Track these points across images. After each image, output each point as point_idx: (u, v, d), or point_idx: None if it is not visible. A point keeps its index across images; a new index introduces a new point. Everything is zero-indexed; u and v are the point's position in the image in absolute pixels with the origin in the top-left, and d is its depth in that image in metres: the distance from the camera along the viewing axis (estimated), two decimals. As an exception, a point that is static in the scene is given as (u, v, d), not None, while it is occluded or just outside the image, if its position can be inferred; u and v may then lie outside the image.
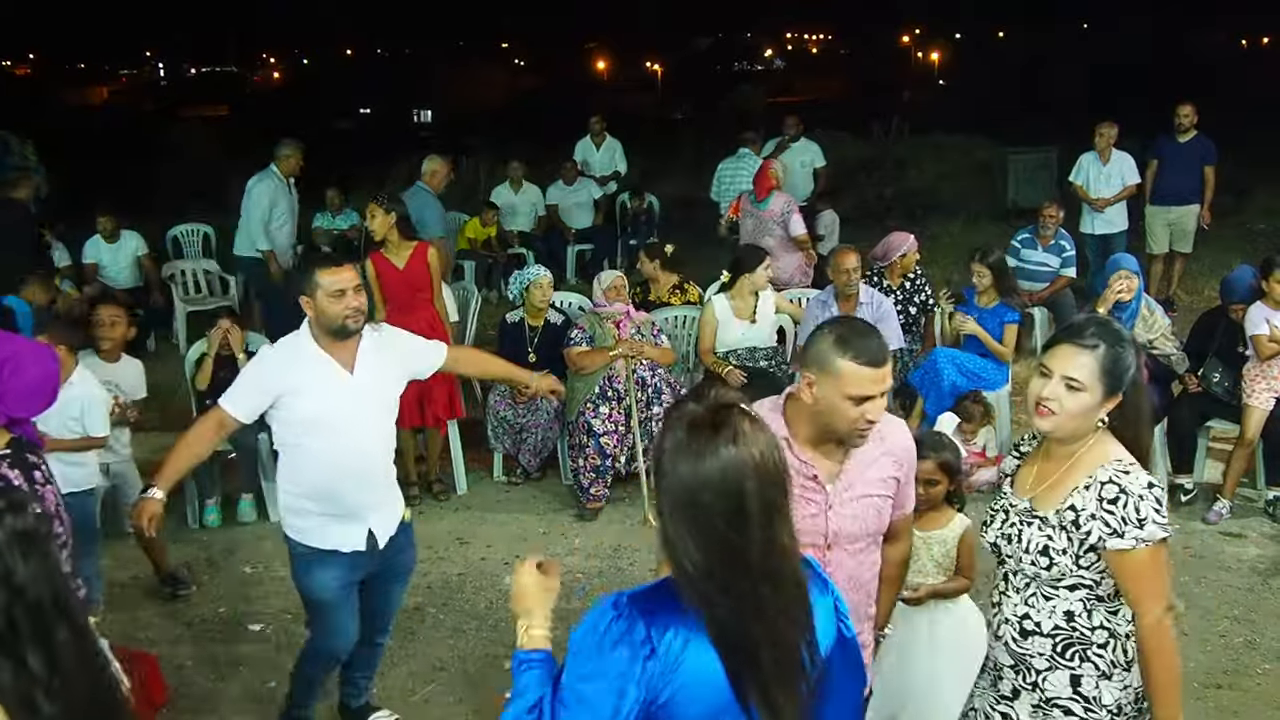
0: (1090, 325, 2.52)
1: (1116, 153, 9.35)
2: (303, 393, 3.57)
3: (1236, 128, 13.43)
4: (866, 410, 2.53)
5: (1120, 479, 2.44)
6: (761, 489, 1.78)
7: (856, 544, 2.71)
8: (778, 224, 7.99)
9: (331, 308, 3.53)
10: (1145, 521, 2.40)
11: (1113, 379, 2.47)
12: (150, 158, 19.19)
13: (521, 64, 54.91)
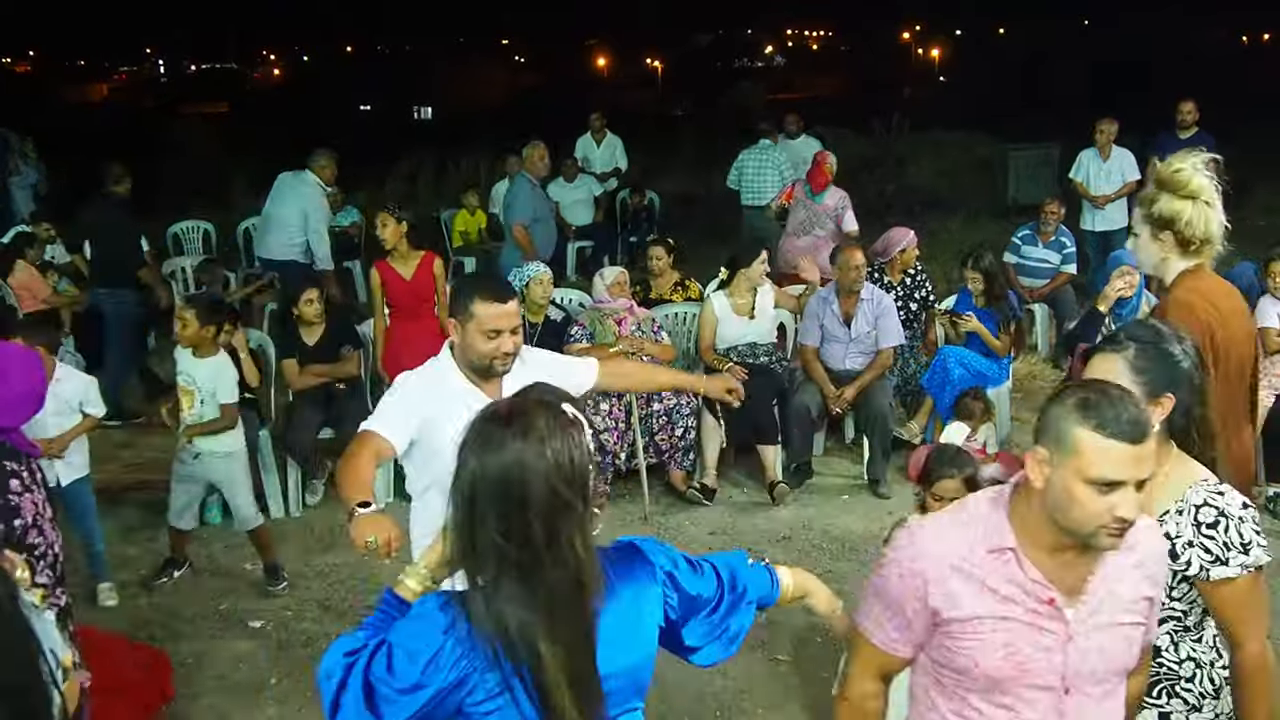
0: (1123, 330, 2.41)
1: (1117, 149, 9.35)
2: (444, 425, 2.93)
3: (1237, 124, 13.43)
4: (1116, 504, 1.94)
5: (1216, 500, 2.27)
6: (549, 489, 1.78)
7: (1102, 685, 2.11)
8: (830, 218, 8.11)
9: (482, 345, 3.11)
10: (1250, 546, 2.24)
11: (1152, 378, 2.30)
12: (150, 155, 19.16)
13: (522, 61, 54.91)
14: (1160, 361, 2.30)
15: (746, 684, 4.35)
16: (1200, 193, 3.18)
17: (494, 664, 1.83)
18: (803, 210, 8.25)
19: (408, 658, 1.84)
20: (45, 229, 9.37)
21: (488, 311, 3.08)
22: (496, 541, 1.81)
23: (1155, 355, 2.31)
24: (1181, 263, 3.25)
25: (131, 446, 7.13)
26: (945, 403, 6.45)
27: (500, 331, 3.10)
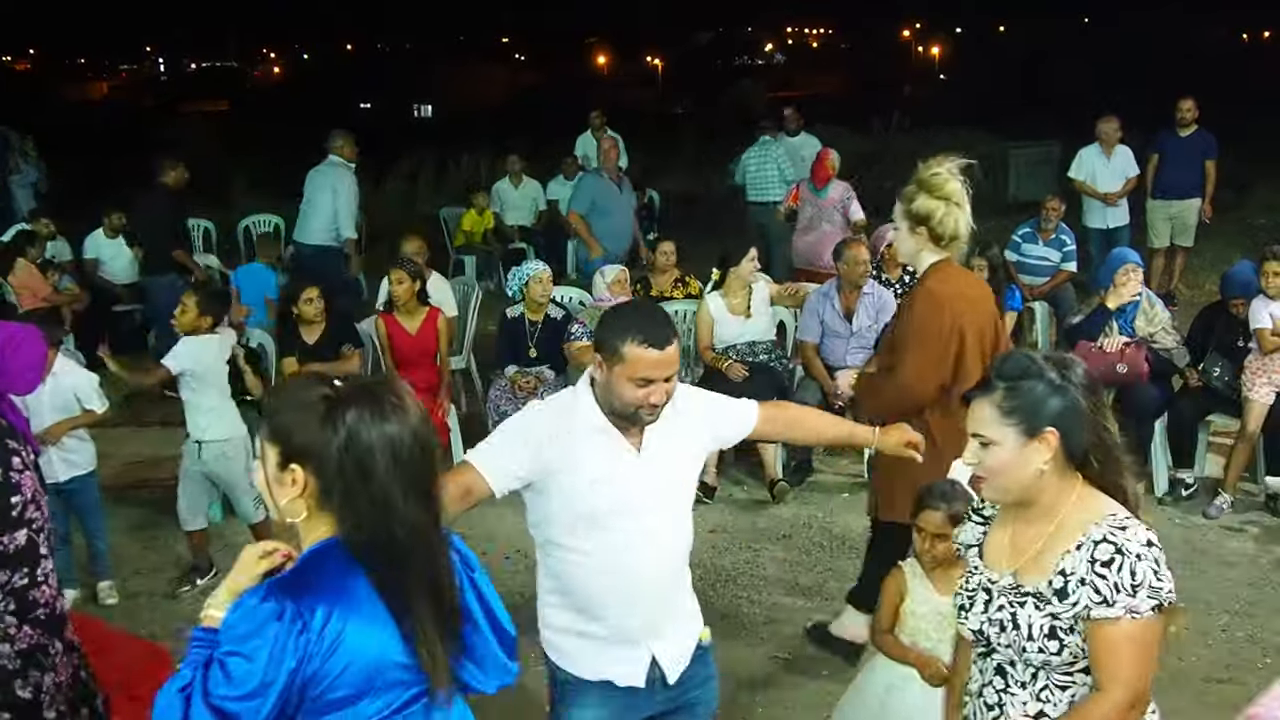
0: (993, 368, 2.22)
1: (1118, 147, 9.35)
2: (574, 472, 2.72)
3: (1238, 122, 13.42)
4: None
5: (1116, 537, 2.08)
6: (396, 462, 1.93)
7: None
8: (837, 210, 8.31)
9: (628, 393, 2.63)
10: (1140, 587, 2.04)
11: (1023, 416, 2.13)
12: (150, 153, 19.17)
13: (522, 59, 54.88)
14: (1030, 396, 2.12)
15: (748, 680, 4.35)
16: (952, 195, 3.64)
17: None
18: (809, 207, 8.42)
19: (245, 661, 1.85)
20: (45, 225, 9.38)
21: (641, 358, 2.60)
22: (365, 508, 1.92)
23: (1024, 392, 2.12)
24: (933, 255, 3.71)
25: (131, 444, 7.14)
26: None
27: (652, 381, 2.62)
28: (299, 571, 1.96)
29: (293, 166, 8.72)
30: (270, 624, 1.84)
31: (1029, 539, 2.20)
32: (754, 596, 5.05)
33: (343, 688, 1.91)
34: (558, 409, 2.80)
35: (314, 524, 1.98)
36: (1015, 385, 2.14)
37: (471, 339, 7.55)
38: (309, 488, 1.95)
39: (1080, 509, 2.16)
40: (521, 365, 6.52)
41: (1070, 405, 2.12)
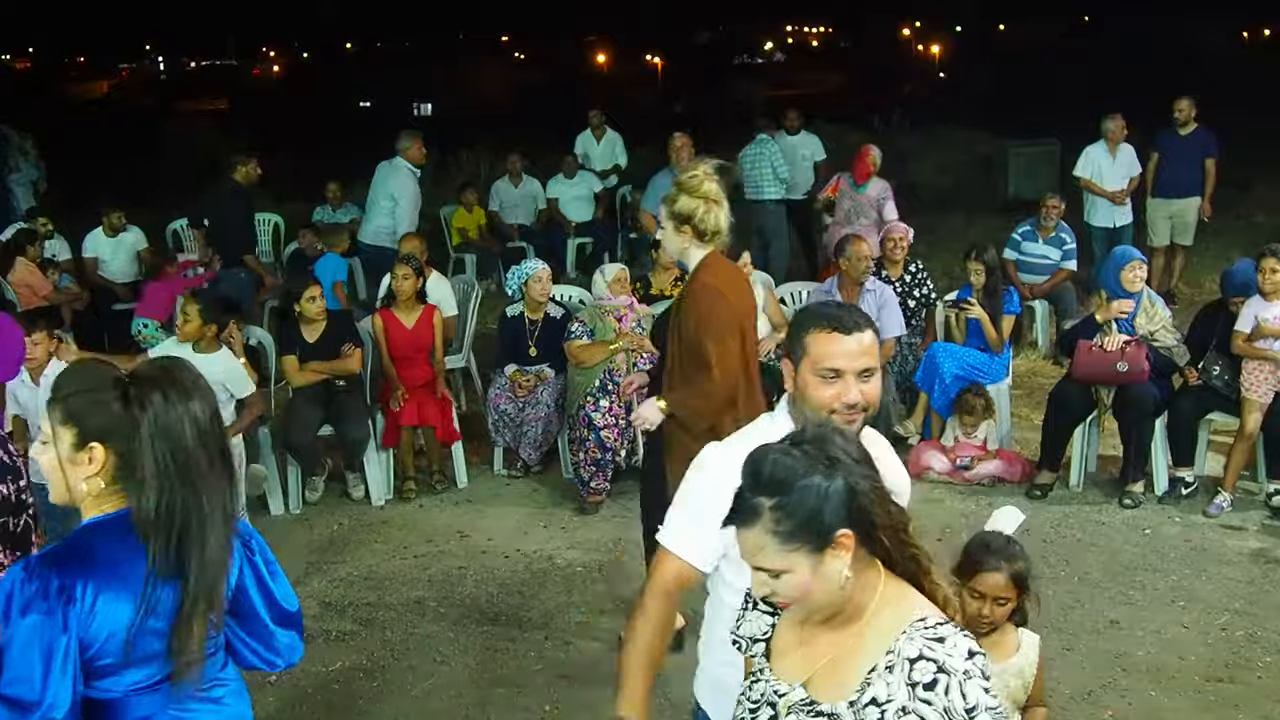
0: (745, 484, 1.82)
1: (1123, 145, 9.34)
2: None
3: (1238, 122, 13.42)
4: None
5: (934, 651, 1.74)
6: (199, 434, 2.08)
7: None
8: (873, 207, 8.52)
9: (817, 392, 2.30)
10: (975, 711, 1.71)
11: (808, 533, 1.75)
12: (149, 152, 19.19)
13: (521, 58, 54.84)
14: (806, 507, 1.75)
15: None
16: (710, 194, 3.86)
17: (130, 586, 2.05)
18: (848, 201, 8.66)
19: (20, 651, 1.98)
20: (43, 223, 9.38)
21: (826, 345, 2.29)
22: (165, 483, 2.05)
23: (797, 505, 1.76)
24: (699, 251, 3.93)
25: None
26: (938, 399, 6.46)
27: (841, 373, 2.30)
28: (70, 545, 2.08)
29: (293, 167, 8.71)
30: (30, 611, 1.97)
31: (824, 644, 1.85)
32: (754, 595, 5.05)
33: (107, 656, 2.04)
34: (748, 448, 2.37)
35: (99, 501, 2.10)
36: (784, 501, 1.76)
37: (471, 338, 7.55)
38: (106, 465, 2.07)
39: (885, 610, 1.82)
40: (521, 364, 6.52)
41: (851, 490, 1.77)
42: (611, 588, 5.16)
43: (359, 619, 4.96)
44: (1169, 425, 6.02)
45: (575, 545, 5.64)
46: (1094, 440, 6.33)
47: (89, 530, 2.10)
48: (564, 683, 4.36)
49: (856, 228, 8.22)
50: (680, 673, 4.38)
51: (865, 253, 6.47)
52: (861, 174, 8.63)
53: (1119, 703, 4.12)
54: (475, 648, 4.67)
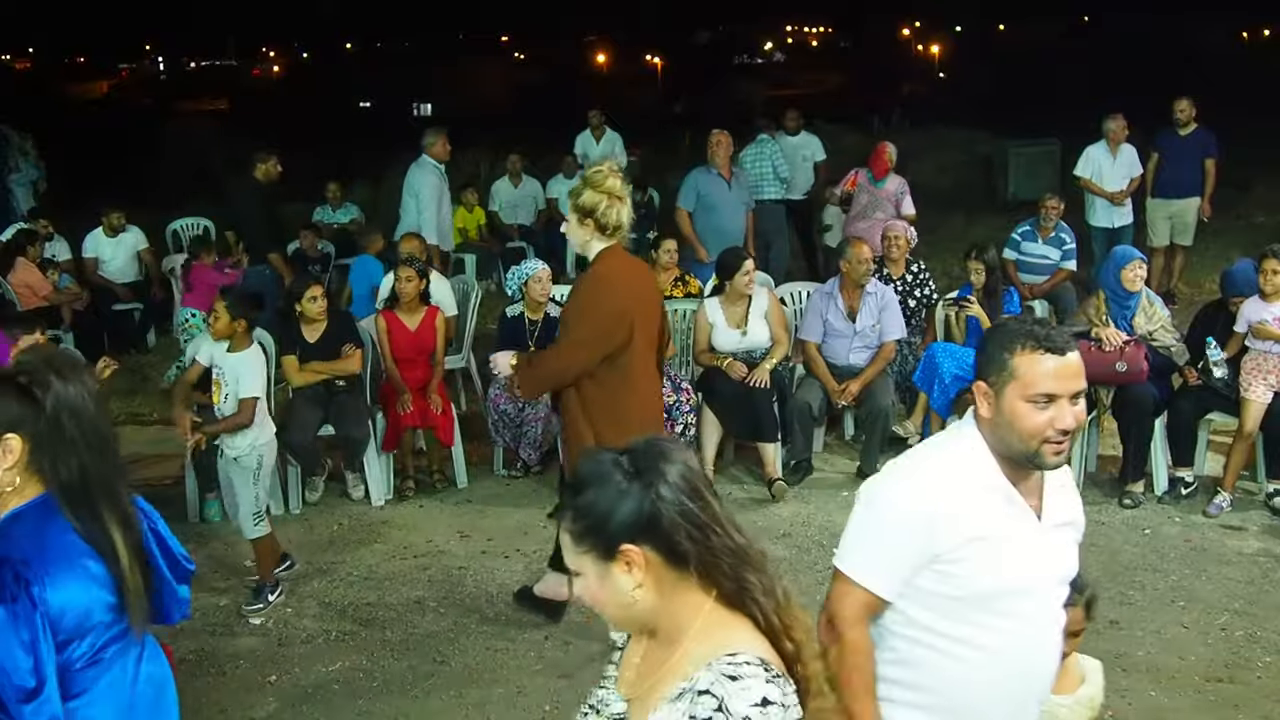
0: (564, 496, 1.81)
1: (1124, 145, 9.34)
2: (968, 546, 2.17)
3: (1238, 120, 13.42)
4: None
5: (723, 688, 1.63)
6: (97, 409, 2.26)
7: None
8: (890, 202, 8.67)
9: (1027, 420, 2.15)
10: None
11: (595, 539, 1.72)
12: (149, 152, 19.18)
13: (521, 58, 54.84)
14: (595, 512, 1.72)
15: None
16: (613, 190, 4.03)
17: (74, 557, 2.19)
18: (865, 195, 8.80)
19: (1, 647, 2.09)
20: (44, 225, 9.39)
21: (1038, 366, 2.14)
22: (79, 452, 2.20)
23: (588, 508, 1.72)
24: (601, 244, 4.10)
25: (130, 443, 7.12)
26: (937, 398, 6.45)
27: (1054, 398, 2.14)
28: (4, 535, 2.17)
29: (292, 166, 8.71)
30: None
31: (653, 661, 1.79)
32: (753, 595, 5.04)
33: (62, 632, 2.15)
34: (936, 474, 2.24)
35: (20, 491, 2.21)
36: (579, 503, 1.73)
37: (471, 338, 7.55)
38: (21, 455, 2.18)
39: (706, 636, 1.71)
40: (521, 364, 6.51)
41: (651, 509, 1.69)
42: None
43: (359, 619, 4.96)
44: (1169, 425, 6.03)
45: (575, 545, 5.63)
46: (1094, 440, 6.33)
47: (16, 518, 2.20)
48: (564, 683, 4.36)
49: (874, 221, 8.43)
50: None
51: (866, 255, 6.46)
52: (879, 169, 8.82)
53: (1119, 703, 4.12)
54: (475, 648, 4.67)
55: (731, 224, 8.31)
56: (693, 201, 8.36)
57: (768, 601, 1.74)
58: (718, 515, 1.75)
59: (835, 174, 10.10)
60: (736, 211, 8.43)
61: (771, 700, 1.62)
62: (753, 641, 1.71)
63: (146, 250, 9.72)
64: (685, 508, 1.71)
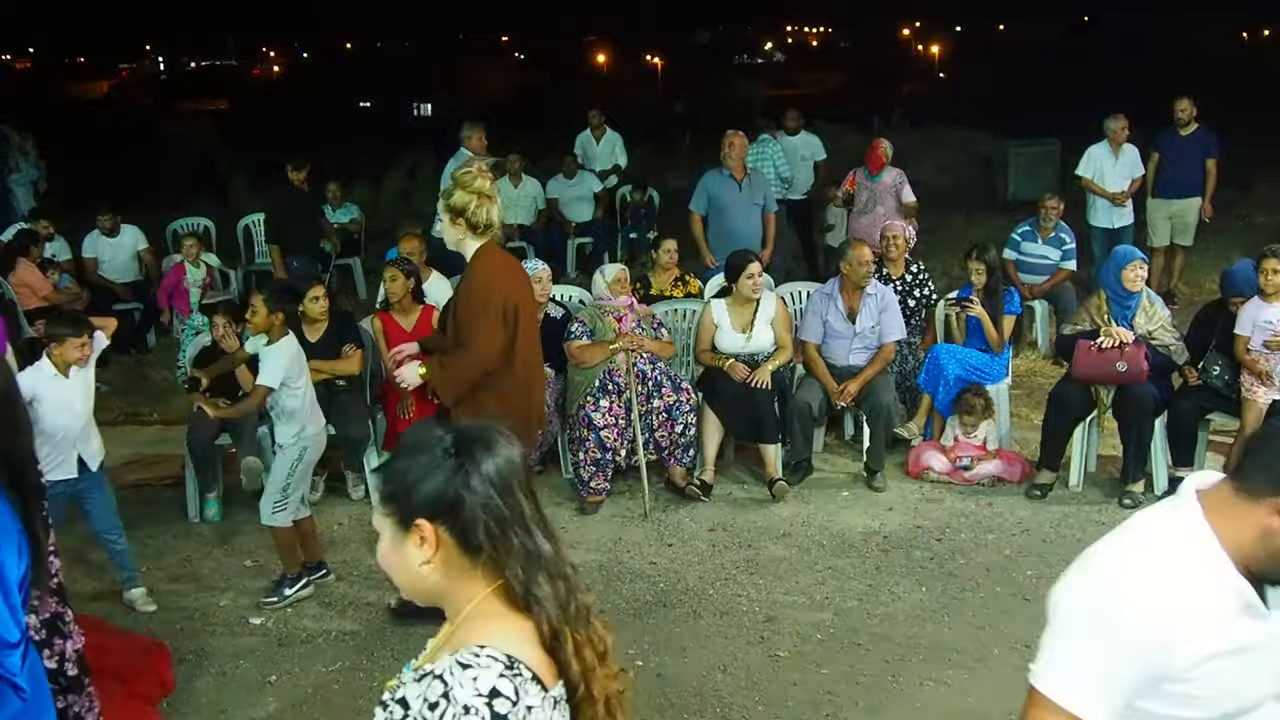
0: None
1: (1126, 146, 9.33)
2: (1215, 662, 1.85)
3: (1238, 120, 13.42)
4: None
5: (452, 675, 1.61)
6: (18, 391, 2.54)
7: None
8: (889, 194, 8.89)
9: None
10: None
11: (396, 504, 1.73)
12: (150, 152, 19.18)
13: (521, 58, 54.83)
14: (402, 479, 1.73)
15: (747, 679, 4.35)
16: (482, 190, 4.24)
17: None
18: (865, 192, 8.99)
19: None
20: (44, 226, 9.39)
21: None
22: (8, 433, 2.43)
23: (397, 473, 1.75)
24: (475, 242, 4.32)
25: (131, 443, 7.13)
26: (942, 399, 6.48)
27: None
28: None
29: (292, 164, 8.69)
30: None
31: (438, 642, 1.80)
32: (753, 594, 5.05)
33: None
34: (1163, 576, 1.86)
35: None
36: (393, 466, 1.76)
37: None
38: None
39: (472, 623, 1.72)
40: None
41: (455, 494, 1.70)
42: (611, 588, 5.16)
43: (359, 619, 4.96)
44: (1169, 425, 6.03)
45: (575, 545, 5.64)
46: (1094, 440, 6.34)
47: None
48: (564, 682, 4.36)
49: (876, 216, 8.63)
50: (679, 672, 4.39)
51: (867, 257, 6.46)
52: (875, 165, 9.00)
53: (1119, 702, 4.12)
54: (475, 648, 4.66)
55: (743, 227, 8.11)
56: (704, 204, 8.22)
57: (557, 612, 1.74)
58: (525, 516, 1.75)
59: (836, 174, 10.11)
60: (748, 214, 8.20)
61: (501, 693, 1.60)
62: (514, 640, 1.69)
63: (146, 250, 9.72)
64: (490, 501, 1.71)
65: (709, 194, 8.21)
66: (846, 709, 4.14)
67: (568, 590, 1.78)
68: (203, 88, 44.69)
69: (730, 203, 8.14)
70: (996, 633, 4.65)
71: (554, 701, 1.68)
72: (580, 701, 1.73)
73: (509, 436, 1.80)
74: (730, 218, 8.13)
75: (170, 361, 8.60)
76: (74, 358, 4.70)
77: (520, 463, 1.78)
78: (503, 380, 4.40)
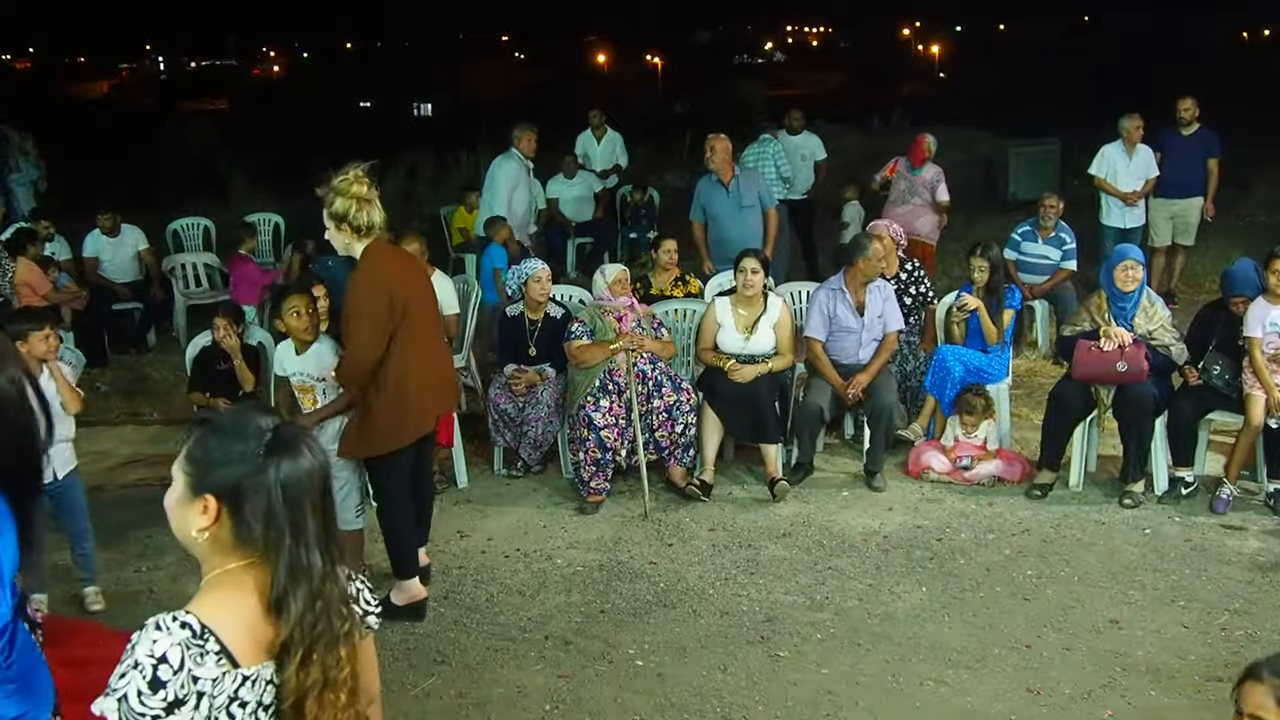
0: None
1: (1139, 145, 9.30)
2: None
3: (1238, 120, 13.41)
4: None
5: (145, 633, 1.76)
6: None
7: None
8: (926, 189, 9.31)
9: None
10: (115, 692, 1.73)
11: (196, 469, 1.85)
12: (150, 152, 19.19)
13: (522, 58, 54.86)
14: (208, 454, 1.86)
15: (746, 679, 4.35)
16: (360, 194, 4.41)
17: None
18: (903, 182, 9.44)
19: None
20: (45, 227, 9.38)
21: None
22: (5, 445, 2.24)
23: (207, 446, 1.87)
24: (360, 244, 4.49)
25: (131, 444, 7.13)
26: (948, 401, 6.48)
27: None
28: None
29: (291, 165, 8.71)
30: None
31: None
32: (753, 594, 5.05)
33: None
34: None
35: None
36: (209, 433, 1.87)
37: (471, 337, 7.55)
38: None
39: (208, 590, 1.86)
40: (521, 364, 6.52)
41: (249, 487, 1.82)
42: (611, 588, 5.16)
43: (359, 619, 4.95)
44: (1169, 425, 6.02)
45: (575, 545, 5.64)
46: (1094, 440, 6.33)
47: None
48: (564, 683, 4.36)
49: (911, 206, 9.19)
50: (679, 672, 4.39)
51: (882, 254, 6.53)
52: (917, 158, 9.43)
53: (1119, 702, 4.12)
54: (475, 648, 4.67)
55: (734, 232, 8.01)
56: (700, 213, 8.23)
57: (299, 630, 1.82)
58: (306, 530, 1.84)
59: (836, 174, 10.14)
60: (738, 217, 8.10)
61: (168, 660, 1.72)
62: (222, 615, 1.80)
63: (147, 250, 9.72)
64: (274, 507, 1.82)
65: (702, 202, 8.25)
66: (846, 709, 4.14)
67: (324, 611, 1.85)
68: (203, 88, 44.74)
69: (720, 209, 8.13)
70: (996, 633, 4.65)
71: (247, 680, 1.79)
72: (284, 713, 1.83)
73: (317, 450, 1.90)
74: (722, 224, 8.13)
75: (171, 362, 8.61)
76: (41, 351, 4.69)
77: (318, 478, 1.88)
78: (383, 375, 4.57)
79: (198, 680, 1.74)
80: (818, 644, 4.61)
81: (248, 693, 1.80)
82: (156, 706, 1.72)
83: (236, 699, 1.79)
